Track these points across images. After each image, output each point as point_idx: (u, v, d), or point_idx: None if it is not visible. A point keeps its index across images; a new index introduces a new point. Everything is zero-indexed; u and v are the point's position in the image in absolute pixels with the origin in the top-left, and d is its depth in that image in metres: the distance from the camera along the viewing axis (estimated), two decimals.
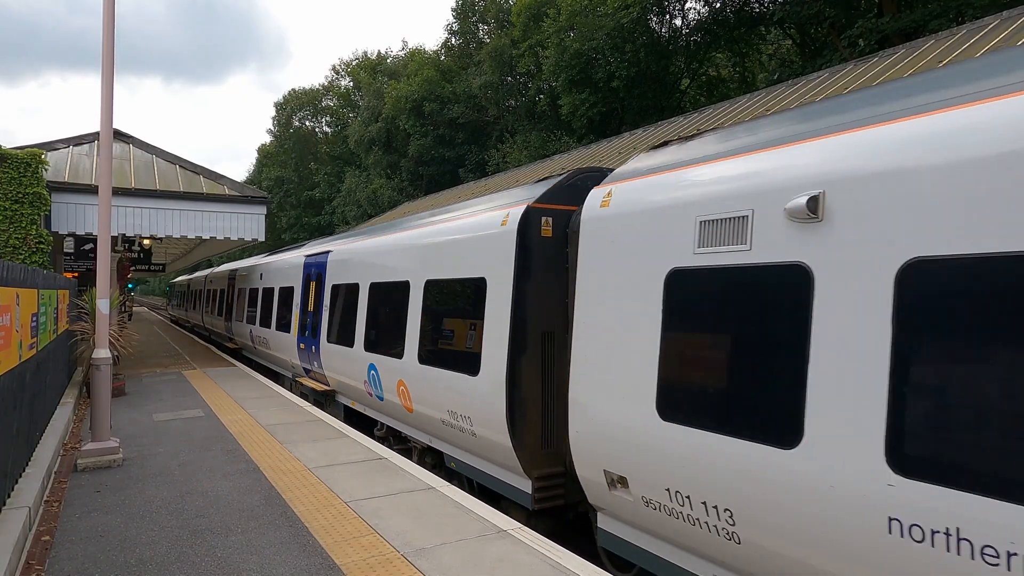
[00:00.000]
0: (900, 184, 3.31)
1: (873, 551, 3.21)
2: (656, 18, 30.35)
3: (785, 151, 3.99)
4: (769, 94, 15.66)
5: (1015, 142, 2.93)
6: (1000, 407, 2.83)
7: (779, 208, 3.85)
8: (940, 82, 3.60)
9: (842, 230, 3.51)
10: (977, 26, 11.82)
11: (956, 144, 3.15)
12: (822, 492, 3.40)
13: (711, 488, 3.98)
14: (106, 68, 7.23)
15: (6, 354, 5.00)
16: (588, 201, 5.38)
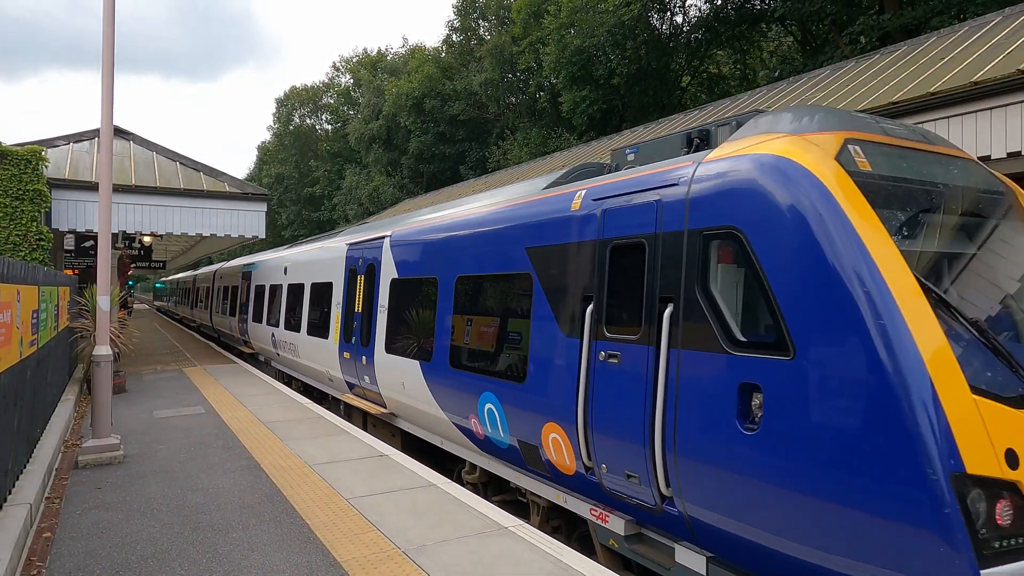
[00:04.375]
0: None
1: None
2: (657, 15, 30.30)
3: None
4: (770, 91, 15.63)
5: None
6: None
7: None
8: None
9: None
10: (979, 23, 11.79)
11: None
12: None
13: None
14: (106, 66, 7.22)
15: (7, 351, 5.00)
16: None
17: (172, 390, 11.95)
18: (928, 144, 4.63)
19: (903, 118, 9.46)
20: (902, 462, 3.16)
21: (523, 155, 33.44)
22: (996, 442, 3.20)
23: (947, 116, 9.01)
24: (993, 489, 3.13)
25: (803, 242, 3.68)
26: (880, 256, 3.51)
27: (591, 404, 4.97)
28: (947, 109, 8.99)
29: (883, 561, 3.23)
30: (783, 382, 3.66)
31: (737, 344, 3.95)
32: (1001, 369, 3.49)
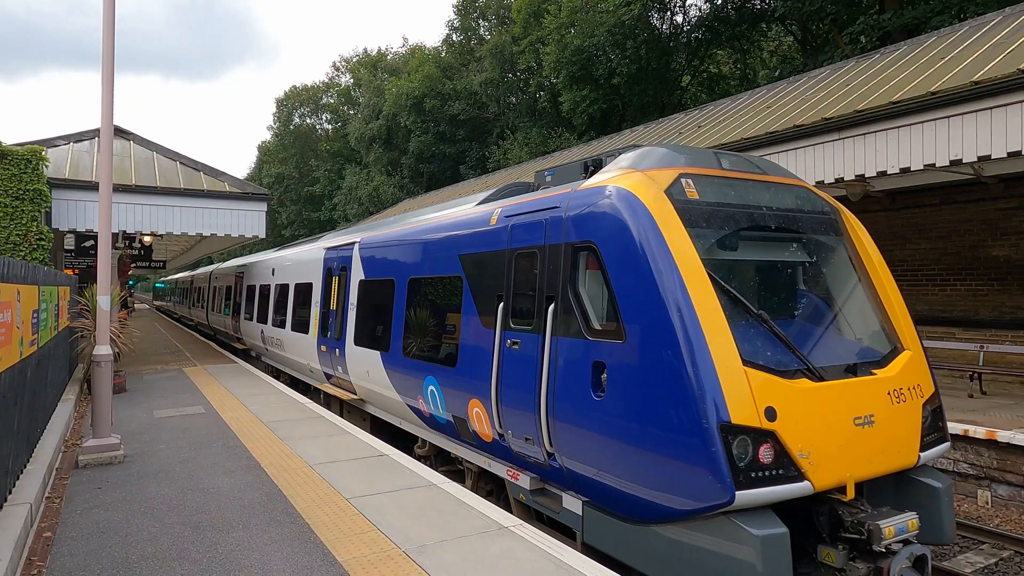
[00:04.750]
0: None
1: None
2: (657, 15, 30.28)
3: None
4: (770, 91, 15.62)
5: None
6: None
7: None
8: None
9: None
10: (979, 23, 11.79)
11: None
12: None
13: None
14: (106, 66, 7.22)
15: (7, 351, 5.00)
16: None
17: (172, 390, 11.96)
18: (762, 174, 5.69)
19: (903, 117, 9.47)
20: (686, 417, 4.26)
21: (523, 155, 33.42)
22: (759, 402, 4.26)
23: (947, 116, 9.00)
24: (753, 435, 4.19)
25: (631, 255, 4.79)
26: (684, 265, 4.58)
27: (500, 382, 6.04)
28: (947, 108, 8.98)
29: (678, 489, 4.34)
30: (618, 360, 4.77)
31: (593, 332, 5.05)
32: (777, 349, 4.62)
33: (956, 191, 12.42)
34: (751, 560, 4.04)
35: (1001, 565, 6.94)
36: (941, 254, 12.75)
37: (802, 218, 5.52)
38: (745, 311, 4.69)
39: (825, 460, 4.36)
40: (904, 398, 4.93)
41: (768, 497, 4.19)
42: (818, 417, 4.42)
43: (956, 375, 12.27)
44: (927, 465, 5.15)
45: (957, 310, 12.46)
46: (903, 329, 5.44)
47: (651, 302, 4.56)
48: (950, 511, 4.99)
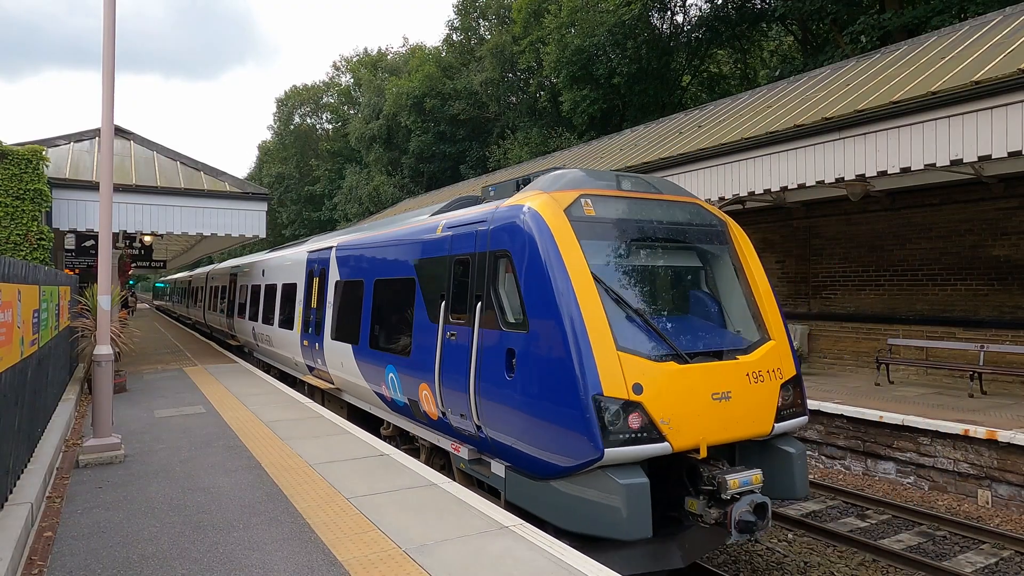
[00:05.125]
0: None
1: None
2: (658, 14, 30.27)
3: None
4: (770, 91, 15.62)
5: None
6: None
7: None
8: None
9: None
10: (979, 23, 11.78)
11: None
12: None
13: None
14: (106, 65, 7.22)
15: (8, 350, 5.00)
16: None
17: (173, 389, 11.96)
18: (657, 193, 6.72)
19: (904, 117, 9.47)
20: (568, 391, 5.25)
21: (523, 155, 33.42)
22: (628, 380, 5.24)
23: (948, 115, 9.00)
24: (622, 405, 5.18)
25: (533, 262, 5.77)
26: (573, 271, 5.57)
27: (442, 368, 6.99)
28: (947, 108, 8.98)
29: (564, 450, 5.31)
30: (523, 347, 5.75)
31: (507, 324, 6.03)
32: (650, 337, 5.62)
33: (956, 191, 12.42)
34: (617, 505, 5.05)
35: (1001, 565, 6.95)
36: (941, 254, 12.75)
37: (690, 230, 6.60)
38: (625, 307, 5.70)
39: (683, 426, 5.36)
40: (762, 379, 5.92)
41: (634, 455, 5.19)
42: (679, 392, 5.42)
43: (956, 375, 12.27)
44: (788, 435, 6.22)
45: (957, 310, 12.46)
46: (771, 323, 6.41)
47: (546, 300, 5.58)
48: (803, 472, 6.03)
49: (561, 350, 5.34)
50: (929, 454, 9.01)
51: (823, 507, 8.74)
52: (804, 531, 7.80)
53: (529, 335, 5.69)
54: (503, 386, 5.94)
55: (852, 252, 14.31)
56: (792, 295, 15.67)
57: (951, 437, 8.76)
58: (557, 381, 5.36)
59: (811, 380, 12.83)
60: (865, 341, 13.93)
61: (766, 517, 5.48)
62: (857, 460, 9.94)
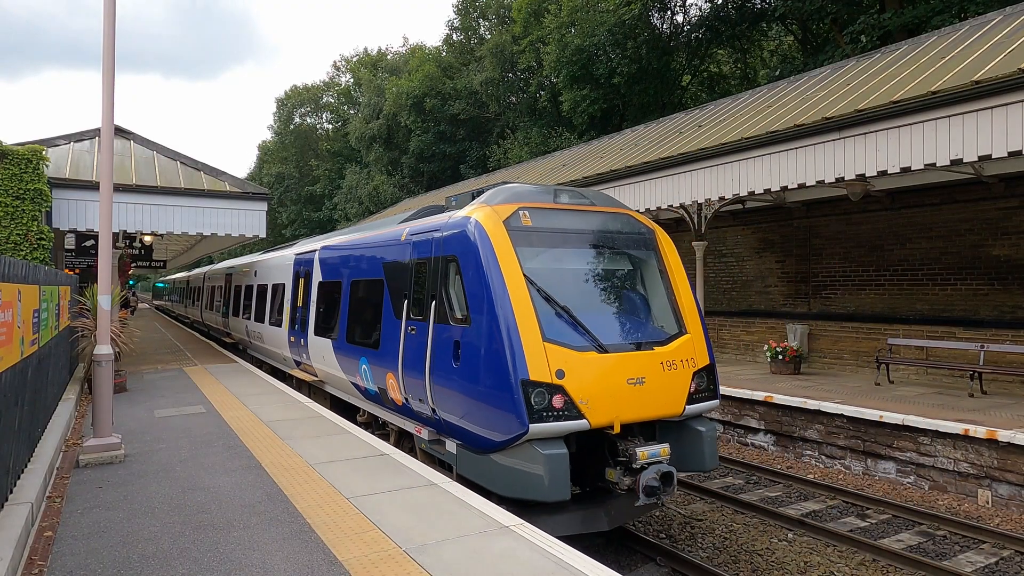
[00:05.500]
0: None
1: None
2: (658, 14, 30.26)
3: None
4: (770, 91, 15.62)
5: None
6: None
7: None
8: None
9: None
10: (979, 22, 11.78)
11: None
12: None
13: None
14: (106, 65, 7.21)
15: (8, 350, 5.00)
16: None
17: (173, 389, 11.96)
18: (591, 205, 7.54)
19: (904, 117, 9.46)
20: (500, 376, 6.07)
21: (524, 154, 33.41)
22: (552, 366, 6.08)
23: (948, 115, 8.99)
24: (546, 388, 6.02)
25: (474, 266, 6.60)
26: (508, 274, 6.39)
27: (404, 359, 7.78)
28: (948, 108, 8.97)
29: (498, 427, 6.12)
30: (465, 338, 6.58)
31: (454, 319, 6.84)
32: (575, 331, 6.43)
33: (957, 190, 12.42)
34: (540, 472, 5.90)
35: (1002, 564, 6.95)
36: (941, 253, 12.74)
37: (618, 237, 7.42)
38: (553, 304, 6.50)
39: (600, 406, 6.19)
40: (676, 367, 6.74)
41: (556, 430, 6.05)
42: (597, 377, 6.23)
43: (956, 375, 12.27)
44: (702, 416, 7.08)
45: (957, 310, 12.45)
46: (689, 320, 7.21)
47: (484, 298, 6.40)
48: (712, 448, 6.91)
49: (495, 341, 6.19)
50: (929, 454, 9.01)
51: (823, 507, 8.74)
52: (804, 531, 7.80)
53: (470, 328, 6.54)
54: (451, 373, 6.77)
55: (852, 252, 14.31)
56: (792, 295, 15.67)
57: (951, 437, 8.76)
58: (492, 368, 6.19)
59: (811, 380, 12.83)
60: (865, 341, 13.93)
61: (671, 484, 6.37)
62: (857, 460, 9.94)
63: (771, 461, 10.83)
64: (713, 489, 9.12)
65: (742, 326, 16.89)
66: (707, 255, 16.57)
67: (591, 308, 6.78)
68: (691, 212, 15.94)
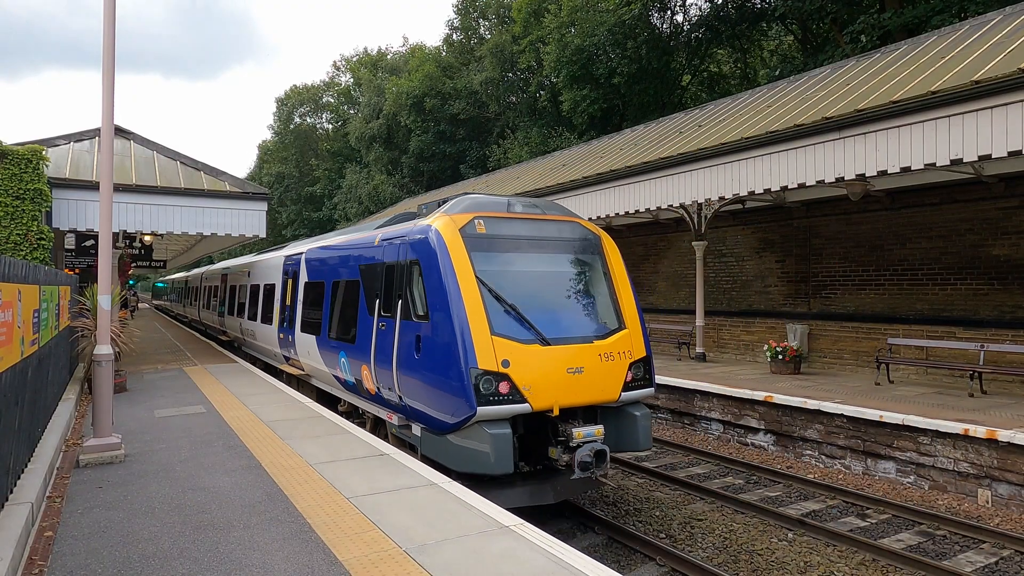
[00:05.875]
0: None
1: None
2: (658, 14, 30.26)
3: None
4: (770, 90, 15.62)
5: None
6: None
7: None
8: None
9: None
10: (979, 22, 11.78)
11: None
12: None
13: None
14: (106, 65, 7.21)
15: (8, 350, 5.00)
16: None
17: (173, 389, 11.96)
18: (542, 214, 8.26)
19: (904, 117, 9.47)
20: (453, 365, 6.85)
21: (523, 154, 33.41)
22: (498, 357, 6.84)
23: (948, 115, 9.00)
24: (494, 375, 6.79)
25: (432, 268, 7.38)
26: (461, 276, 7.15)
27: (376, 352, 8.60)
28: (947, 108, 8.98)
29: (451, 410, 6.93)
30: (425, 333, 7.38)
31: (417, 316, 7.62)
32: (521, 326, 7.18)
33: (956, 190, 12.42)
34: (487, 449, 6.65)
35: (1001, 564, 6.95)
36: (941, 253, 12.74)
37: (566, 243, 8.16)
38: (502, 303, 7.22)
39: (541, 392, 6.96)
40: (613, 359, 7.49)
41: (501, 412, 6.79)
42: (539, 366, 6.99)
43: (956, 374, 12.27)
44: (638, 402, 7.83)
45: (957, 309, 12.46)
46: (628, 316, 7.96)
47: (440, 297, 7.16)
48: (645, 430, 7.64)
49: (449, 335, 6.96)
50: (929, 454, 9.01)
51: (823, 507, 8.74)
52: (804, 531, 7.81)
53: (429, 324, 7.33)
54: (413, 364, 7.57)
55: (852, 252, 14.31)
56: (792, 295, 15.67)
57: (951, 437, 8.76)
58: (446, 358, 6.97)
59: (811, 380, 12.84)
60: (865, 341, 13.93)
61: (604, 461, 7.09)
62: (857, 460, 9.94)
63: (771, 461, 10.83)
64: (713, 489, 9.13)
65: (742, 326, 16.89)
66: (707, 255, 16.58)
67: (537, 306, 7.46)
68: (691, 212, 15.94)
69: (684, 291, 18.64)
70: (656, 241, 19.75)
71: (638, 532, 7.63)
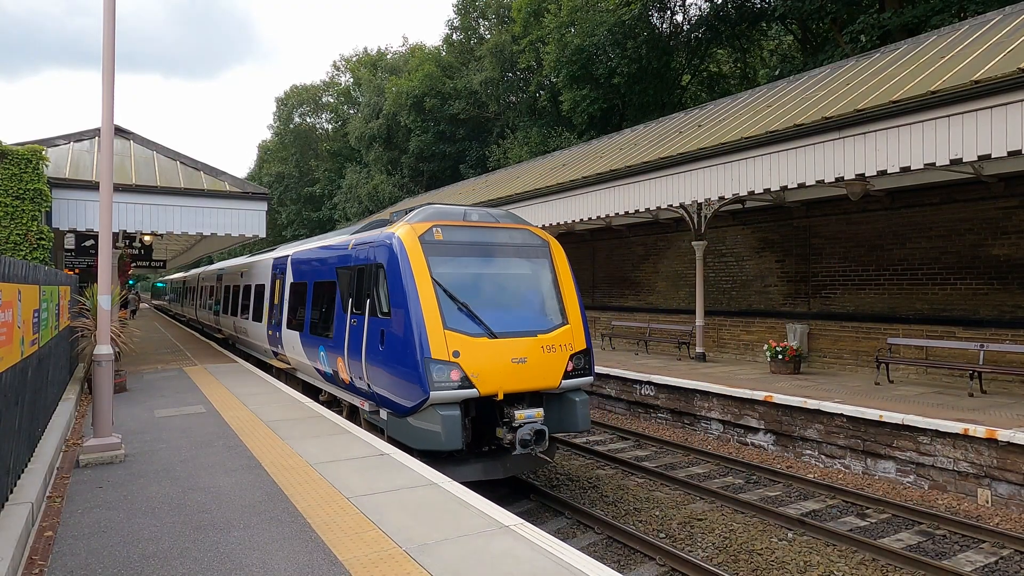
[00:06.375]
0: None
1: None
2: (657, 14, 30.27)
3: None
4: (770, 90, 15.62)
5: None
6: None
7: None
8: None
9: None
10: (979, 22, 11.79)
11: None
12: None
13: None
14: (106, 65, 7.21)
15: (8, 350, 5.00)
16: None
17: (173, 389, 11.96)
18: (495, 223, 9.19)
19: (903, 116, 9.47)
20: (410, 356, 7.78)
21: (523, 154, 33.41)
22: (450, 348, 7.77)
23: (947, 115, 9.00)
24: (445, 364, 7.70)
25: (393, 271, 8.32)
26: (418, 277, 8.08)
27: (348, 346, 9.53)
28: (947, 108, 8.98)
29: (408, 396, 7.86)
30: (388, 328, 8.34)
31: (382, 313, 8.55)
32: (472, 321, 8.09)
33: (956, 190, 12.42)
34: (438, 429, 7.57)
35: (1001, 564, 6.95)
36: (941, 253, 12.75)
37: (516, 248, 9.06)
38: (455, 301, 8.13)
39: (488, 379, 7.87)
40: (555, 350, 8.42)
41: (452, 397, 7.70)
42: (486, 357, 7.91)
43: (956, 374, 12.28)
44: (579, 388, 8.78)
45: (957, 309, 12.46)
46: (571, 314, 8.87)
47: (400, 297, 8.09)
48: (584, 413, 8.63)
49: (407, 330, 7.88)
50: (929, 453, 9.02)
51: (823, 506, 8.74)
52: (804, 530, 7.81)
53: (391, 320, 8.26)
54: (379, 355, 8.47)
55: (852, 251, 14.31)
56: (792, 294, 15.68)
57: (951, 436, 8.77)
58: (405, 350, 7.89)
59: (811, 379, 12.84)
60: (865, 340, 13.93)
61: (543, 439, 8.00)
62: (857, 459, 9.95)
63: (771, 461, 10.84)
64: (713, 489, 9.13)
65: (742, 326, 16.89)
66: (707, 255, 16.58)
67: (487, 303, 8.36)
68: (691, 212, 15.94)
69: (684, 291, 18.65)
70: (656, 241, 19.75)
71: (638, 532, 7.63)
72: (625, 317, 20.41)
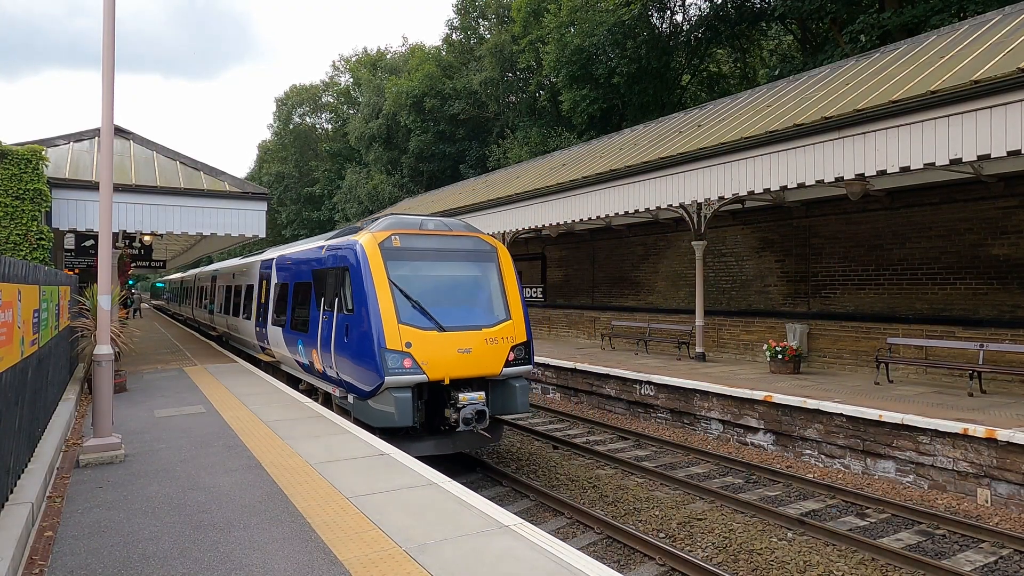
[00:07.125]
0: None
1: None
2: (657, 14, 30.27)
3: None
4: (770, 90, 15.62)
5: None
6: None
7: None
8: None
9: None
10: (979, 22, 11.79)
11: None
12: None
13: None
14: (106, 65, 7.21)
15: (8, 350, 5.01)
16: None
17: (173, 389, 11.96)
18: (448, 231, 10.31)
19: (903, 116, 9.47)
20: (368, 346, 8.97)
21: (523, 154, 33.40)
22: (403, 339, 8.93)
23: (947, 115, 9.00)
24: (399, 353, 8.87)
25: (356, 274, 9.50)
26: (376, 279, 9.23)
27: (321, 338, 10.67)
28: (947, 108, 8.98)
29: (367, 381, 9.07)
30: (351, 322, 9.53)
31: (347, 309, 9.71)
32: (423, 317, 9.23)
33: (956, 190, 12.43)
34: (392, 409, 8.76)
35: (1001, 563, 6.96)
36: (941, 253, 12.75)
37: (466, 253, 10.14)
38: (410, 300, 9.28)
39: (436, 366, 9.01)
40: (497, 342, 9.53)
41: (404, 381, 8.87)
42: (435, 347, 9.06)
43: (956, 374, 12.28)
44: (521, 376, 9.90)
45: (957, 309, 12.47)
46: (513, 311, 9.98)
47: (361, 295, 9.26)
48: (523, 398, 9.76)
49: (367, 324, 9.04)
50: (928, 453, 9.02)
51: (823, 506, 8.75)
52: (804, 530, 7.81)
53: (354, 316, 9.43)
54: (344, 346, 9.66)
55: (852, 251, 14.32)
56: (792, 294, 15.68)
57: (950, 436, 8.77)
58: (365, 341, 9.04)
59: (810, 379, 12.85)
60: (865, 340, 13.94)
61: (484, 419, 9.16)
62: (856, 459, 9.95)
63: (771, 460, 10.84)
64: (713, 488, 9.13)
65: (741, 325, 16.90)
66: (707, 255, 16.59)
67: (438, 302, 9.47)
68: (691, 212, 15.95)
69: (684, 291, 18.65)
70: (656, 241, 19.76)
71: (637, 531, 7.63)
72: (625, 317, 20.42)
